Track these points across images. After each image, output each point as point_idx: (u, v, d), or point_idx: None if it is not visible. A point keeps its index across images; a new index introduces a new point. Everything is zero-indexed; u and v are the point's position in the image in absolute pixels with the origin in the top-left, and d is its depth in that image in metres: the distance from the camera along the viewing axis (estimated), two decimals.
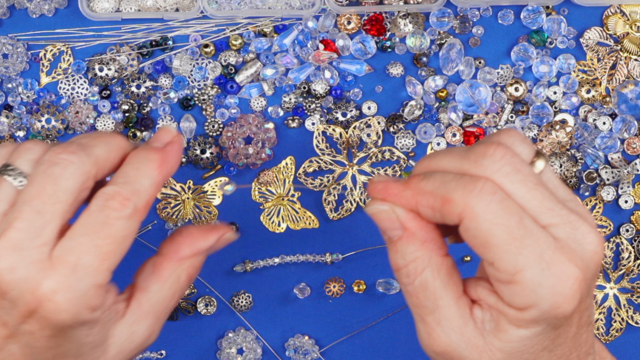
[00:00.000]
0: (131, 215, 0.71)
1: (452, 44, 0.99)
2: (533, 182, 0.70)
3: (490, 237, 0.68)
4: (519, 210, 0.68)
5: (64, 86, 0.99)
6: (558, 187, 0.72)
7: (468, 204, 0.68)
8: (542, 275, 0.68)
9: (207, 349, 0.99)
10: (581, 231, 0.70)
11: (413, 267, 0.72)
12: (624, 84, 0.99)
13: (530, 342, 0.70)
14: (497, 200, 0.68)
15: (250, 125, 0.98)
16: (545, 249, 0.68)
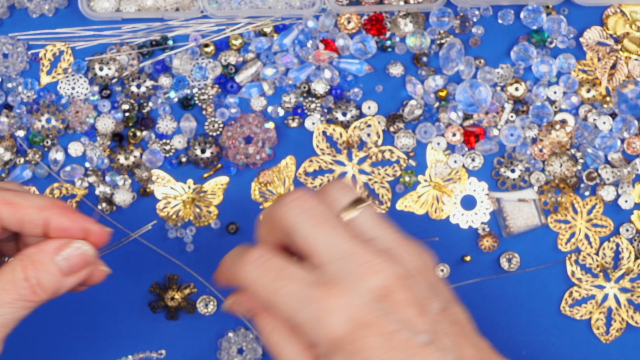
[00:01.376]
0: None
1: (452, 43, 0.99)
2: (315, 224, 0.78)
3: (260, 294, 0.79)
4: (279, 264, 0.78)
5: (64, 86, 0.99)
6: (367, 224, 0.80)
7: (240, 272, 0.80)
8: (304, 313, 0.77)
9: (207, 349, 0.99)
10: (355, 263, 0.77)
11: (265, 333, 0.81)
12: (624, 83, 0.99)
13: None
14: (257, 264, 0.79)
15: (250, 125, 0.98)
16: (303, 291, 0.77)
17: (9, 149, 0.98)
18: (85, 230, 0.83)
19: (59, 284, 0.82)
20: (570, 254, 0.99)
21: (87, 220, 0.83)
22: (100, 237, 0.84)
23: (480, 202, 1.00)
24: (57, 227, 0.82)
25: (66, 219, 0.83)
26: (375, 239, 0.80)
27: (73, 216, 0.83)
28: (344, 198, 0.82)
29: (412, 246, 0.81)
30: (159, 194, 0.99)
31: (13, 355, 0.98)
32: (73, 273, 0.82)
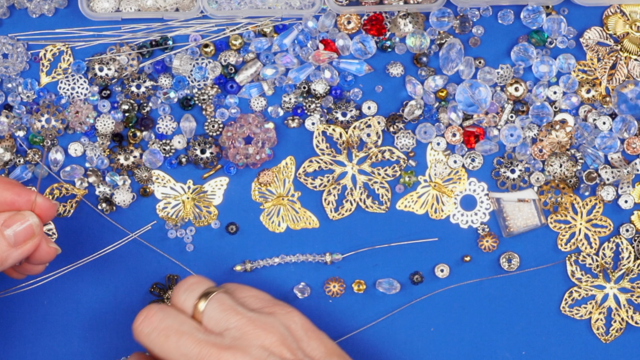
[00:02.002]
0: None
1: (452, 43, 0.99)
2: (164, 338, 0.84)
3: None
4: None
5: (64, 86, 0.99)
6: (219, 320, 0.85)
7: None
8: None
9: None
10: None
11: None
12: (624, 83, 0.99)
13: None
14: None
15: (250, 125, 0.98)
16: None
17: (9, 149, 0.98)
18: (31, 203, 0.85)
19: (5, 254, 0.83)
20: (570, 254, 0.99)
21: (31, 194, 0.85)
22: (47, 209, 0.86)
23: (480, 202, 1.00)
24: (2, 201, 0.84)
25: (10, 193, 0.85)
26: (225, 331, 0.84)
27: (18, 190, 0.85)
28: (189, 299, 0.86)
29: (264, 324, 0.84)
30: (158, 194, 0.99)
31: (13, 355, 0.98)
32: (19, 244, 0.83)
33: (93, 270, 0.98)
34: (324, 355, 0.85)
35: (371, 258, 0.99)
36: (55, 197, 0.98)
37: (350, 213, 0.99)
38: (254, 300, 0.88)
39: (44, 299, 0.98)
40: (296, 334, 0.85)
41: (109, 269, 0.99)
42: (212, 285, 0.88)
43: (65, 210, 0.98)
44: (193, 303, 0.86)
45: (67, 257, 0.98)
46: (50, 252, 0.88)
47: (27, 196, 0.86)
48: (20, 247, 0.85)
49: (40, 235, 0.86)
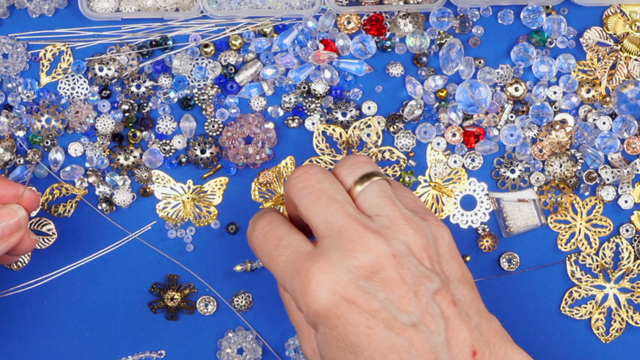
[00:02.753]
0: None
1: (452, 43, 0.99)
2: (315, 200, 0.81)
3: (261, 258, 0.83)
4: (280, 233, 0.82)
5: (64, 86, 0.99)
6: (372, 199, 0.82)
7: (250, 240, 0.85)
8: (292, 283, 0.79)
9: (207, 349, 0.99)
10: (348, 239, 0.79)
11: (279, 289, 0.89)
12: (624, 83, 0.99)
13: (324, 343, 0.80)
14: (263, 231, 0.83)
15: (250, 125, 0.98)
16: (296, 261, 0.80)
17: (9, 149, 0.98)
18: (17, 197, 0.86)
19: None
20: (570, 254, 0.99)
21: (18, 187, 0.86)
22: (32, 201, 0.87)
23: (480, 202, 1.00)
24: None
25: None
26: (376, 216, 0.81)
27: (4, 184, 0.86)
28: (352, 174, 0.83)
29: (415, 224, 0.81)
30: (158, 194, 0.99)
31: (13, 355, 0.98)
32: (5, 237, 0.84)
33: (93, 270, 0.98)
34: (458, 278, 0.82)
35: None
36: (55, 197, 0.98)
37: None
38: (411, 203, 0.85)
39: (44, 299, 0.98)
40: (440, 248, 0.82)
41: (109, 269, 0.99)
42: (379, 171, 0.85)
43: (65, 210, 0.98)
44: (354, 180, 0.83)
45: (67, 257, 0.98)
46: (31, 243, 0.88)
47: (14, 190, 0.87)
48: (7, 240, 0.85)
49: (25, 228, 0.86)
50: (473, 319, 0.80)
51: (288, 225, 0.83)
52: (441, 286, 0.79)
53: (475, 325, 0.80)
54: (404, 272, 0.78)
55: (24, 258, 0.98)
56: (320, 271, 0.78)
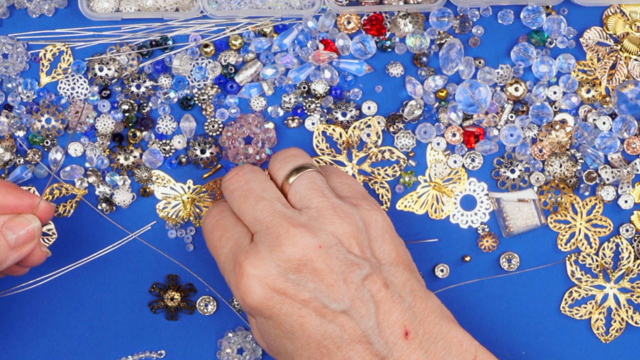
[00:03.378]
0: None
1: (452, 43, 0.99)
2: (245, 199, 0.85)
3: (209, 243, 0.88)
4: (225, 224, 0.86)
5: (64, 86, 0.99)
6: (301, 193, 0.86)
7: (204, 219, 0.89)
8: (230, 275, 0.85)
9: (207, 349, 0.99)
10: (277, 232, 0.83)
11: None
12: (623, 83, 0.99)
13: (262, 332, 0.86)
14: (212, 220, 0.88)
15: (250, 125, 0.98)
16: (235, 254, 0.84)
17: (9, 149, 0.98)
18: (32, 207, 0.86)
19: (4, 256, 0.84)
20: (570, 254, 0.99)
21: (34, 198, 0.86)
22: (47, 212, 0.88)
23: (480, 202, 1.00)
24: (5, 205, 0.85)
25: (13, 197, 0.86)
26: (305, 209, 0.85)
27: (20, 194, 0.86)
28: (283, 169, 0.88)
29: (343, 212, 0.84)
30: (158, 194, 0.99)
31: (13, 355, 0.98)
32: (18, 246, 0.84)
33: (93, 270, 0.98)
34: (392, 261, 0.85)
35: None
36: (55, 197, 0.98)
37: None
38: (345, 188, 0.89)
39: (44, 299, 0.98)
40: (372, 232, 0.86)
41: (109, 269, 0.99)
42: (311, 163, 0.88)
43: (65, 210, 0.98)
44: (285, 174, 0.88)
45: (67, 257, 0.98)
46: (42, 255, 0.88)
47: (29, 200, 0.87)
48: (19, 250, 0.85)
49: (38, 239, 0.86)
50: (406, 300, 0.84)
51: (236, 217, 0.87)
52: (371, 271, 0.83)
53: (409, 305, 0.84)
54: (332, 262, 0.82)
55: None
56: (251, 266, 0.82)
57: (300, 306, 0.82)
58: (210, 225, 0.88)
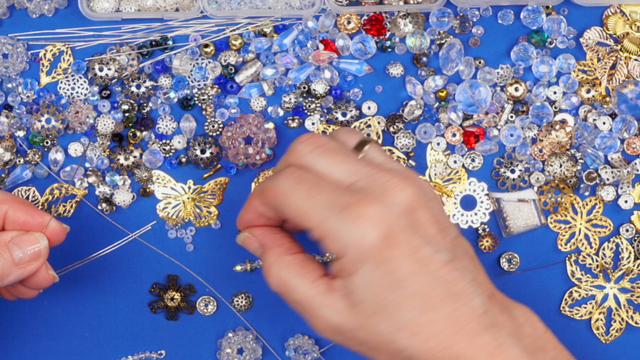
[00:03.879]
0: None
1: (452, 44, 0.99)
2: (333, 154, 0.82)
3: (295, 203, 0.81)
4: (312, 178, 0.81)
5: (64, 86, 0.99)
6: (379, 158, 0.85)
7: (273, 186, 0.83)
8: (338, 219, 0.79)
9: (207, 349, 0.99)
10: (382, 180, 0.81)
11: (273, 273, 0.84)
12: (624, 84, 0.99)
13: (369, 283, 0.80)
14: (293, 177, 0.82)
15: (250, 125, 0.98)
16: (337, 199, 0.80)
17: (9, 149, 0.98)
18: (42, 226, 0.86)
19: (7, 271, 0.83)
20: (570, 254, 0.99)
21: (44, 216, 0.85)
22: (57, 233, 0.87)
23: (480, 202, 1.00)
24: (15, 220, 0.85)
25: (25, 214, 0.85)
26: (391, 169, 0.83)
27: (32, 211, 0.85)
28: (351, 139, 0.86)
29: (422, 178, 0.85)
30: (159, 194, 0.99)
31: (13, 355, 0.98)
32: (23, 263, 0.84)
33: (93, 270, 0.98)
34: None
35: None
36: (55, 197, 0.98)
37: None
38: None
39: (44, 299, 0.98)
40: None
41: (109, 269, 0.99)
42: (368, 138, 0.88)
43: (65, 210, 0.98)
44: (355, 143, 0.86)
45: (67, 257, 0.98)
46: (47, 279, 0.88)
47: (40, 218, 0.86)
48: (23, 267, 0.85)
49: (44, 258, 0.86)
50: (481, 268, 0.85)
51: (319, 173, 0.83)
52: (457, 234, 0.84)
53: (484, 272, 0.85)
54: (434, 213, 0.82)
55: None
56: (367, 206, 0.79)
57: (411, 252, 0.79)
58: (290, 183, 0.83)
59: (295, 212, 0.82)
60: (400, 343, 0.79)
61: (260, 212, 0.86)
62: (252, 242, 0.88)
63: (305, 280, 0.83)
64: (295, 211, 0.82)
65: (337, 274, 0.81)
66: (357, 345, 0.82)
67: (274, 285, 0.84)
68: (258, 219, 0.88)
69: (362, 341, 0.81)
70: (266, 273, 0.85)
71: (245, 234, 0.88)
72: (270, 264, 0.84)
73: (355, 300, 0.80)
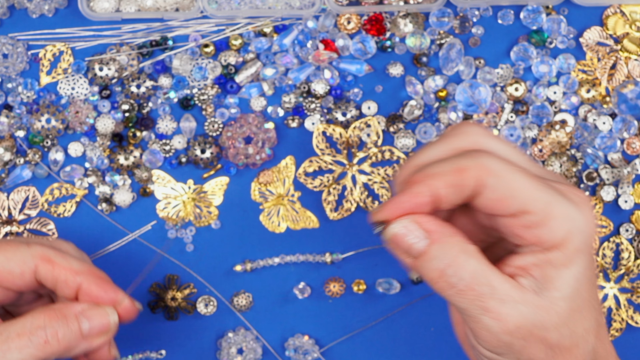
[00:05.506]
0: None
1: (452, 43, 0.99)
2: (507, 144, 0.76)
3: (514, 183, 0.72)
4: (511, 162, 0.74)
5: (64, 86, 0.99)
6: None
7: (482, 164, 0.72)
8: (565, 202, 0.73)
9: (207, 349, 0.99)
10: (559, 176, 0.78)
11: (456, 263, 0.73)
12: (623, 83, 0.99)
13: (583, 277, 0.74)
14: (495, 158, 0.73)
15: (250, 125, 0.98)
16: (558, 185, 0.74)
17: (9, 149, 0.98)
18: (114, 302, 0.84)
19: (74, 343, 0.82)
20: None
21: (118, 293, 0.84)
22: (129, 311, 0.85)
23: None
24: (88, 293, 0.83)
25: (98, 288, 0.83)
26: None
27: (106, 286, 0.84)
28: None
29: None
30: (159, 194, 0.99)
31: None
32: (90, 337, 0.82)
33: None
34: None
35: (371, 258, 0.99)
36: (56, 197, 0.98)
37: (350, 213, 0.99)
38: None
39: None
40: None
41: (109, 269, 0.98)
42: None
43: (65, 210, 0.98)
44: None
45: None
46: (109, 357, 0.85)
47: (113, 295, 0.84)
48: (90, 340, 0.83)
49: (112, 334, 0.84)
50: None
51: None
52: None
53: None
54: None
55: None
56: (582, 192, 0.75)
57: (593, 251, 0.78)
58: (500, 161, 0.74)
59: (515, 194, 0.72)
60: (586, 346, 0.75)
61: (444, 195, 0.73)
62: (412, 233, 0.74)
63: (497, 271, 0.73)
64: (514, 192, 0.72)
65: (536, 266, 0.74)
66: (536, 349, 0.74)
67: (459, 280, 0.73)
68: (425, 207, 0.74)
69: (551, 343, 0.74)
70: (444, 267, 0.73)
71: (405, 221, 0.74)
72: (455, 254, 0.73)
73: (564, 294, 0.74)
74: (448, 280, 0.73)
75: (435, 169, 0.73)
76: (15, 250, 0.83)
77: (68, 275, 0.83)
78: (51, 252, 0.83)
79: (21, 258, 0.83)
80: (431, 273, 0.73)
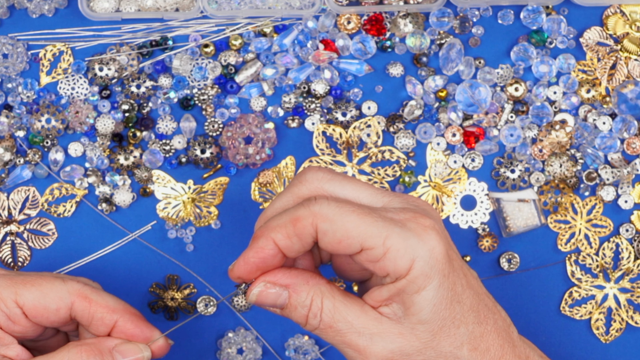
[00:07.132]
0: None
1: (452, 44, 0.99)
2: (351, 181, 0.80)
3: (348, 224, 0.77)
4: (349, 202, 0.78)
5: (64, 86, 0.99)
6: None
7: (315, 212, 0.77)
8: (403, 232, 0.77)
9: (207, 349, 0.99)
10: (412, 200, 0.80)
11: (314, 306, 0.79)
12: (623, 84, 0.99)
13: (437, 299, 0.78)
14: (330, 201, 0.78)
15: (250, 125, 0.98)
16: (391, 215, 0.78)
17: (9, 149, 0.98)
18: (148, 339, 0.84)
19: None
20: (570, 254, 0.99)
21: (153, 331, 0.84)
22: (162, 348, 0.85)
23: (480, 202, 1.00)
24: (123, 330, 0.84)
25: (133, 326, 0.84)
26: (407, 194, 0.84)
27: (140, 324, 0.84)
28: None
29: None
30: (159, 194, 0.99)
31: None
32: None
33: (93, 270, 0.98)
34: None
35: None
36: (56, 197, 0.98)
37: None
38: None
39: None
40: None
41: (109, 269, 0.99)
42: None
43: (65, 210, 0.98)
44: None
45: (67, 257, 0.98)
46: None
47: (148, 333, 0.84)
48: None
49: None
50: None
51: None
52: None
53: None
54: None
55: (25, 253, 0.98)
56: (427, 219, 0.78)
57: (459, 267, 0.79)
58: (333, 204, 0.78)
59: (350, 234, 0.77)
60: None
61: (285, 246, 0.79)
62: (271, 290, 0.80)
63: (354, 306, 0.79)
64: (348, 233, 0.77)
65: (393, 296, 0.78)
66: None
67: (320, 320, 0.79)
68: (272, 259, 0.80)
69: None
70: (305, 313, 0.80)
71: (261, 284, 0.80)
72: (311, 298, 0.79)
73: (422, 318, 0.78)
74: (311, 323, 0.79)
75: (274, 222, 0.79)
76: (51, 286, 0.83)
77: (105, 312, 0.83)
78: (87, 289, 0.84)
79: (58, 294, 0.83)
80: (298, 320, 0.80)
